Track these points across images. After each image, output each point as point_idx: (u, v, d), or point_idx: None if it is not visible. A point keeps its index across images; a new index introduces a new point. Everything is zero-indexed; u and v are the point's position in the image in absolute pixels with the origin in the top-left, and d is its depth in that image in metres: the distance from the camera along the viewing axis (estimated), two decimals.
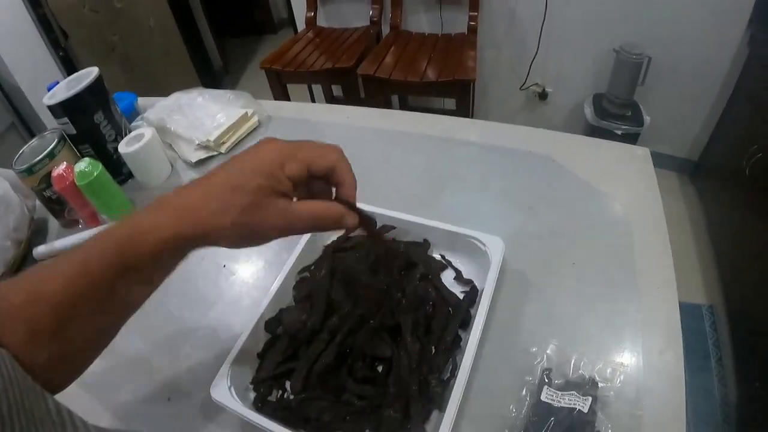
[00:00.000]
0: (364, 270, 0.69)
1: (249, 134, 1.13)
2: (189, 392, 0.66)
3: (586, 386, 0.55)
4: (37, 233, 1.01)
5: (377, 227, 0.75)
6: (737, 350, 1.58)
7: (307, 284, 0.72)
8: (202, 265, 0.85)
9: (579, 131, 2.31)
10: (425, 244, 0.75)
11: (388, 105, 2.24)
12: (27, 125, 2.44)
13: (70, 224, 1.01)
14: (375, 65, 2.03)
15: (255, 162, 0.43)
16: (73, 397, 0.67)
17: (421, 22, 2.40)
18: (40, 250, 0.94)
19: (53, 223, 1.03)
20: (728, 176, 1.90)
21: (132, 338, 0.75)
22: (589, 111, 2.19)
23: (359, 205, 0.49)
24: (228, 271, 0.83)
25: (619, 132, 2.07)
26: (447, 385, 0.57)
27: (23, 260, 0.94)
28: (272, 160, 0.43)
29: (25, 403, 0.28)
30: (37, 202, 1.02)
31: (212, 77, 3.42)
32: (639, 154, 0.87)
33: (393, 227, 0.76)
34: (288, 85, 2.26)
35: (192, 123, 1.10)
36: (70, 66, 2.55)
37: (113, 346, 0.73)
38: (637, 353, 0.59)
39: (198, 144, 1.07)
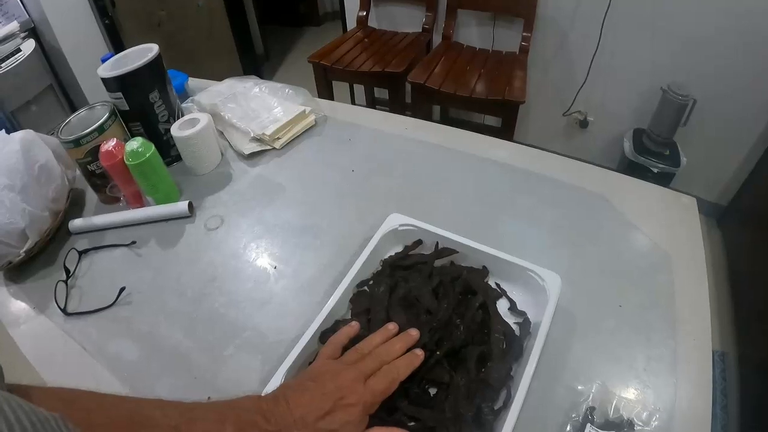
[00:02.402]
0: (427, 294, 0.67)
1: (304, 132, 1.10)
2: (231, 393, 0.64)
3: (625, 428, 0.57)
4: (74, 205, 0.99)
5: (438, 248, 0.73)
6: (743, 399, 1.58)
7: (365, 299, 0.71)
8: (253, 265, 0.82)
9: (615, 164, 2.30)
10: (484, 272, 0.74)
11: (430, 113, 2.21)
12: (63, 88, 2.44)
13: (109, 201, 0.99)
14: (425, 74, 2.01)
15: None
16: (108, 385, 0.66)
17: (472, 35, 2.38)
18: (76, 223, 0.93)
19: (91, 196, 1.01)
20: (755, 226, 1.89)
21: (174, 332, 0.73)
22: (628, 145, 2.15)
23: None
24: (278, 274, 0.80)
25: (656, 170, 2.04)
26: (498, 414, 0.57)
27: (58, 231, 0.92)
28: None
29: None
30: (77, 173, 0.99)
31: (253, 63, 3.40)
32: (685, 203, 0.88)
33: (455, 251, 0.75)
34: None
35: (247, 113, 1.08)
36: (114, 35, 2.54)
37: (154, 336, 0.72)
38: (671, 399, 0.60)
39: (253, 136, 1.04)
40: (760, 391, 1.49)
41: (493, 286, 0.72)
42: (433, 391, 0.61)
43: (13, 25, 2.15)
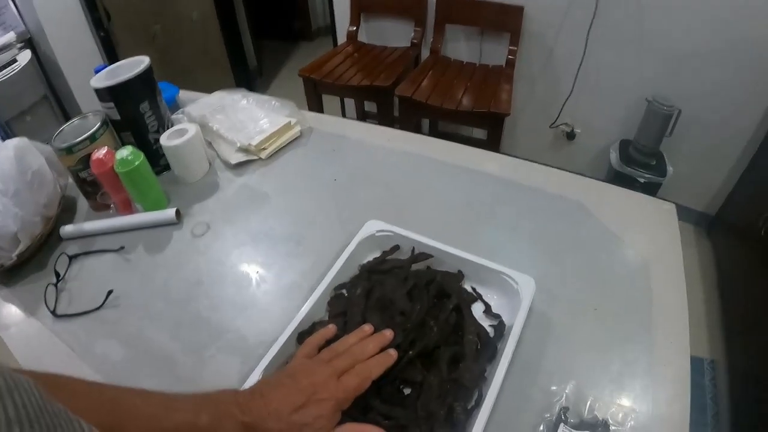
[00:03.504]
0: (401, 296, 0.69)
1: (289, 143, 1.13)
2: None
3: (599, 428, 0.58)
4: (65, 211, 1.01)
5: (415, 253, 0.76)
6: (734, 407, 1.58)
7: (342, 301, 0.73)
8: (235, 270, 0.85)
9: (602, 175, 2.33)
10: (459, 276, 0.76)
11: (419, 126, 2.25)
12: (58, 98, 2.46)
13: (100, 208, 1.01)
14: (413, 88, 2.05)
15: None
16: None
17: (460, 49, 2.42)
18: (67, 229, 0.95)
19: (82, 203, 1.04)
20: (743, 234, 1.91)
21: (158, 333, 0.75)
22: (614, 156, 2.19)
23: None
24: (260, 279, 0.83)
25: (642, 180, 2.07)
26: (471, 413, 0.59)
27: (49, 237, 0.94)
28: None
29: (59, 430, 0.29)
30: (70, 181, 1.02)
31: (246, 77, 3.44)
32: (665, 209, 0.90)
33: (431, 255, 0.77)
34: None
35: (234, 125, 1.11)
36: (109, 48, 2.57)
37: (140, 338, 0.75)
38: (648, 401, 0.61)
39: (239, 146, 1.07)
40: (750, 399, 1.50)
41: (469, 290, 0.74)
42: (407, 391, 0.63)
43: (10, 36, 2.17)
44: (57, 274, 0.85)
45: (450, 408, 0.59)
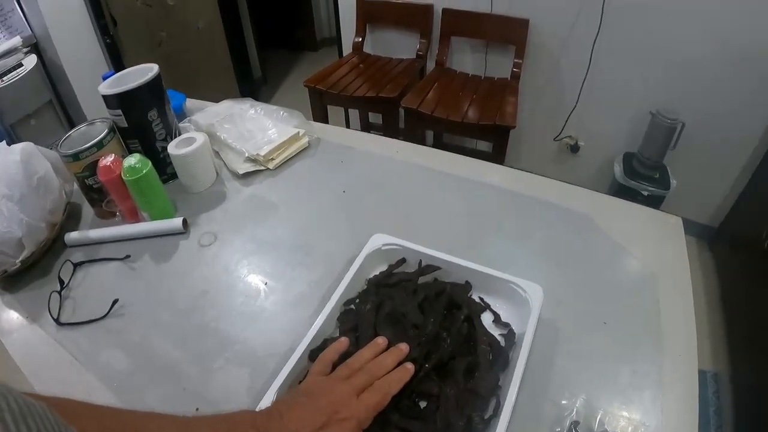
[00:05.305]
0: (413, 309, 0.69)
1: (297, 154, 1.13)
2: (219, 405, 0.65)
3: None
4: (70, 218, 1.00)
5: (422, 266, 0.75)
6: (737, 420, 1.58)
7: (352, 316, 0.72)
8: (244, 281, 0.84)
9: (605, 188, 2.34)
10: (467, 286, 0.76)
11: (423, 139, 2.25)
12: (63, 104, 2.46)
13: (105, 215, 1.00)
14: (418, 99, 2.05)
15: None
16: (98, 394, 0.68)
17: (465, 61, 2.43)
18: (72, 236, 0.94)
19: (87, 210, 1.03)
20: (746, 247, 1.91)
21: (164, 343, 0.74)
22: (618, 169, 2.19)
23: None
24: (269, 290, 0.82)
25: (646, 193, 2.07)
26: (488, 423, 0.58)
27: (54, 243, 0.93)
28: None
29: None
30: (75, 187, 1.01)
31: (251, 86, 3.46)
32: (672, 222, 0.90)
33: (438, 268, 0.77)
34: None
35: (242, 134, 1.11)
36: (114, 54, 2.58)
37: (145, 347, 0.74)
38: (657, 414, 0.61)
39: (247, 156, 1.07)
40: (753, 412, 1.50)
41: (477, 300, 0.74)
42: (423, 404, 0.62)
43: (16, 40, 2.18)
44: (61, 282, 0.84)
45: (468, 419, 0.58)
